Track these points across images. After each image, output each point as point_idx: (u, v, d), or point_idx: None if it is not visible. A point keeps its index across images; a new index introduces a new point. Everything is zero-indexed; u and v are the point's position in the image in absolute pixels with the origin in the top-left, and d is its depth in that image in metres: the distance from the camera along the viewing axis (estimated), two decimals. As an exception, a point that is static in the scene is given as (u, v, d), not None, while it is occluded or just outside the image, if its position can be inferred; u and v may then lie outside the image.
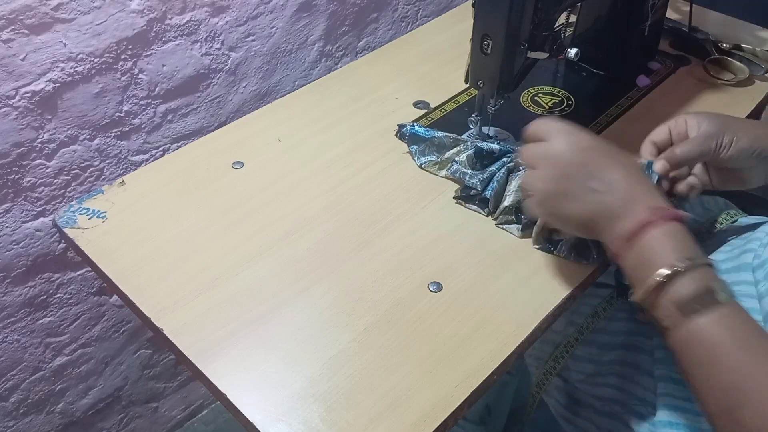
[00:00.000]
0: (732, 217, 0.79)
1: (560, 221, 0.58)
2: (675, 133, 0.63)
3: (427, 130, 0.76)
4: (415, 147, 0.76)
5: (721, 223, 0.79)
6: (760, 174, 0.63)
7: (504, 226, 0.68)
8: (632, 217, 0.51)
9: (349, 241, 0.67)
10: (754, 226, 0.71)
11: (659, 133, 0.64)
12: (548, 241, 0.66)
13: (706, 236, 0.77)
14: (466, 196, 0.70)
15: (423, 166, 0.75)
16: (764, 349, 0.46)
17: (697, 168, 0.66)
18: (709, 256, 0.70)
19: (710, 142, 0.60)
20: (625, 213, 0.51)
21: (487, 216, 0.69)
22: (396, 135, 0.80)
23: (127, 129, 0.91)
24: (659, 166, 0.61)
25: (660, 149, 0.63)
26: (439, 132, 0.75)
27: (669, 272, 0.47)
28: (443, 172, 0.74)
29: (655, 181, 0.60)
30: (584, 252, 0.64)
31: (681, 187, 0.64)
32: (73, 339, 1.00)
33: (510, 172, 0.69)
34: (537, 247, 0.66)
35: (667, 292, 0.48)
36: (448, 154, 0.74)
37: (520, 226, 0.67)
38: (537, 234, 0.66)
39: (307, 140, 0.80)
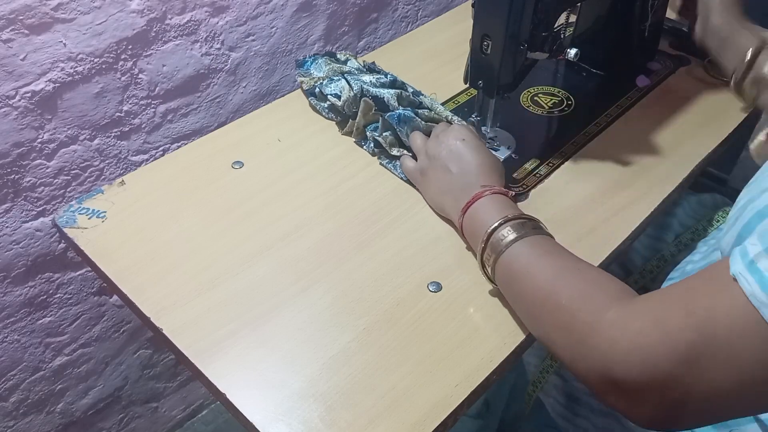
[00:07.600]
0: (727, 214, 0.79)
1: (427, 190, 0.69)
2: None
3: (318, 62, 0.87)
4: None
5: (718, 221, 0.79)
6: None
7: (364, 146, 0.77)
8: (469, 193, 0.62)
9: (348, 241, 0.67)
10: None
11: None
12: (363, 137, 0.78)
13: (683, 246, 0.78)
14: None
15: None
16: (556, 255, 0.55)
17: None
18: (689, 257, 0.71)
19: None
20: (466, 190, 0.63)
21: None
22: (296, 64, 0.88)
23: (127, 129, 0.91)
24: None
25: None
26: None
27: (494, 225, 0.57)
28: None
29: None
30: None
31: None
32: (73, 339, 1.00)
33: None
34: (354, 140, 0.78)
35: (491, 241, 0.58)
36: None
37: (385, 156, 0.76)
38: (357, 130, 0.78)
39: (307, 140, 0.80)
